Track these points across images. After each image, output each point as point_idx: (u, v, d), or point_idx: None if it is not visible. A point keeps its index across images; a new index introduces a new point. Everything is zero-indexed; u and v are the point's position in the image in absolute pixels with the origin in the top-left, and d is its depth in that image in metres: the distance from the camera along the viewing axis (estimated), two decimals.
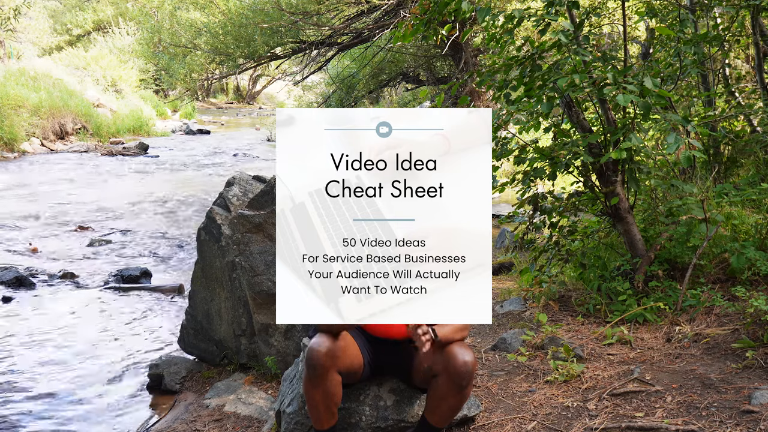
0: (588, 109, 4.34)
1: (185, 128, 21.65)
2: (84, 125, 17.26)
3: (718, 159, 5.69)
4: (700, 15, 5.87)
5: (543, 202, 4.33)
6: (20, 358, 4.50)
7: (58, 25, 32.51)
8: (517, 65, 3.85)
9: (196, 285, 4.28)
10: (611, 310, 3.85)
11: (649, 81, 3.34)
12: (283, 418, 2.70)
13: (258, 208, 3.98)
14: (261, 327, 3.88)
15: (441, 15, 4.05)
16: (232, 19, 15.91)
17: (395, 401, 2.60)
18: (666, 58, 4.70)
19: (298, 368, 2.82)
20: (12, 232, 8.01)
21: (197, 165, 14.21)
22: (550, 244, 4.55)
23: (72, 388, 4.10)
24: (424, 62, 18.56)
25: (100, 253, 7.28)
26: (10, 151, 14.05)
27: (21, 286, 6.03)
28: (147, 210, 9.60)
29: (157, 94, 26.91)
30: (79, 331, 5.06)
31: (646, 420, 2.56)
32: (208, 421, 3.46)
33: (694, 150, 3.27)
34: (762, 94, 5.57)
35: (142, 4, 23.70)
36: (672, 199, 4.32)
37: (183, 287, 6.08)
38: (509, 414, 2.79)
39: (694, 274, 3.82)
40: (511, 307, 4.45)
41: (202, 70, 18.79)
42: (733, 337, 3.24)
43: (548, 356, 3.33)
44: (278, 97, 37.96)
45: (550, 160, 3.94)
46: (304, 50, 16.74)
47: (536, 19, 3.78)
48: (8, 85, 15.46)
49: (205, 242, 4.14)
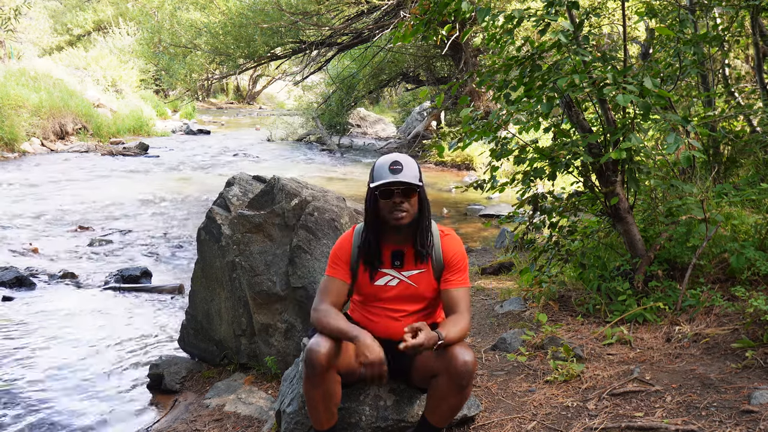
0: (588, 109, 4.34)
1: (185, 128, 21.65)
2: (84, 125, 17.26)
3: (718, 159, 5.69)
4: (700, 15, 5.87)
5: (543, 202, 4.33)
6: (20, 358, 4.50)
7: (58, 25, 32.53)
8: (517, 65, 3.85)
9: (196, 285, 4.29)
10: (611, 310, 3.85)
11: (648, 81, 3.34)
12: (283, 418, 2.70)
13: (258, 208, 3.98)
14: (261, 327, 3.88)
15: (441, 15, 4.05)
16: (232, 19, 15.91)
17: (395, 401, 2.60)
18: (666, 59, 4.70)
19: (298, 368, 2.82)
20: (12, 232, 8.00)
21: (197, 165, 14.21)
22: (550, 244, 4.55)
23: (72, 388, 4.10)
24: (424, 62, 18.56)
25: (100, 253, 7.28)
26: (10, 151, 14.05)
27: (21, 286, 6.03)
28: (147, 210, 9.60)
29: (158, 94, 26.91)
30: (79, 331, 5.06)
31: (646, 420, 2.56)
32: (208, 421, 3.47)
33: (693, 150, 3.27)
34: (762, 94, 5.57)
35: (143, 4, 23.72)
36: (672, 199, 4.32)
37: (183, 287, 6.08)
38: (509, 414, 2.79)
39: (694, 274, 3.82)
40: (511, 307, 4.45)
41: (202, 70, 18.82)
42: (733, 337, 3.24)
43: (548, 356, 3.33)
44: (278, 97, 37.93)
45: (550, 160, 3.94)
46: (304, 50, 16.75)
47: (536, 19, 3.78)
48: (9, 85, 15.46)
49: (205, 242, 4.14)
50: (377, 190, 2.43)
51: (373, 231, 2.51)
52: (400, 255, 2.53)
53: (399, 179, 2.39)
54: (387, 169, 2.41)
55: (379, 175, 2.42)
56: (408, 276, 2.53)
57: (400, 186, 2.40)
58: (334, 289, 2.51)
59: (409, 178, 2.40)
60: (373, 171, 2.47)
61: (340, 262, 2.54)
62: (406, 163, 2.43)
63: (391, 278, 2.53)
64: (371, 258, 2.52)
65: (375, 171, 2.45)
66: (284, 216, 3.86)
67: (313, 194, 3.89)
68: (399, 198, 2.41)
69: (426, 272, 2.53)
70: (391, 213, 2.43)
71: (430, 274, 2.53)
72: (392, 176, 2.39)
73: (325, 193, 3.97)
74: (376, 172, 2.44)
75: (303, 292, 3.69)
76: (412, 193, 2.43)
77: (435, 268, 2.53)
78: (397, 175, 2.39)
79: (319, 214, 3.75)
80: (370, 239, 2.51)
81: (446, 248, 2.54)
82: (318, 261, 3.68)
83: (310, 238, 3.71)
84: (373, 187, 2.43)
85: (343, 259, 2.55)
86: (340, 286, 2.52)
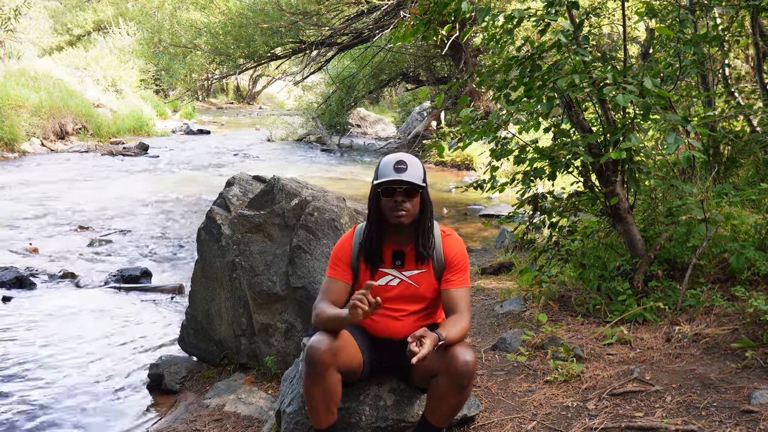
0: (588, 109, 4.34)
1: (185, 128, 21.65)
2: (84, 125, 17.26)
3: (718, 159, 5.69)
4: (700, 15, 5.87)
5: (543, 202, 4.33)
6: (20, 358, 4.50)
7: (58, 25, 32.53)
8: (516, 65, 3.85)
9: (196, 285, 4.28)
10: (611, 310, 3.85)
11: (648, 81, 3.34)
12: (283, 418, 2.70)
13: (258, 208, 3.98)
14: (261, 327, 3.88)
15: (441, 15, 4.05)
16: (232, 19, 15.92)
17: (395, 401, 2.60)
18: (666, 59, 4.70)
19: (298, 368, 2.82)
20: (12, 232, 8.00)
21: (197, 165, 14.21)
22: (550, 244, 4.55)
23: (72, 388, 4.10)
24: (424, 62, 18.56)
25: (100, 253, 7.28)
26: (10, 151, 14.05)
27: (21, 286, 6.03)
28: (147, 210, 9.60)
29: (158, 94, 26.91)
30: (79, 331, 5.06)
31: (646, 420, 2.56)
32: (208, 421, 3.47)
33: (693, 150, 3.27)
34: (762, 94, 5.57)
35: (143, 4, 23.74)
36: (672, 199, 4.32)
37: (183, 287, 6.08)
38: (509, 414, 2.79)
39: (694, 274, 3.82)
40: (511, 307, 4.45)
41: (202, 70, 18.83)
42: (733, 337, 3.24)
43: (548, 356, 3.33)
44: (278, 97, 37.94)
45: (550, 160, 3.94)
46: (304, 50, 16.75)
47: (536, 19, 3.78)
48: (8, 85, 15.45)
49: (205, 242, 4.14)
50: (380, 187, 2.43)
51: (375, 229, 2.51)
52: (401, 255, 2.53)
53: (402, 178, 2.39)
54: (391, 167, 2.41)
55: (383, 173, 2.42)
56: (409, 276, 2.53)
57: (402, 185, 2.40)
58: (334, 289, 2.51)
59: (413, 178, 2.40)
60: (378, 168, 2.47)
61: (341, 263, 2.54)
62: (411, 163, 2.43)
63: (392, 278, 2.53)
64: (372, 255, 2.52)
65: (380, 168, 2.45)
66: (284, 216, 3.86)
67: (313, 194, 3.89)
68: (401, 197, 2.41)
69: (427, 272, 2.53)
70: (392, 211, 2.43)
71: (431, 275, 2.53)
72: (396, 175, 2.39)
73: (325, 193, 3.97)
74: (381, 169, 2.44)
75: (303, 292, 3.69)
76: (414, 193, 2.43)
77: (436, 268, 2.53)
78: (401, 174, 2.39)
79: (319, 214, 3.75)
80: (372, 236, 2.51)
81: (447, 248, 2.54)
82: (318, 261, 3.68)
83: (310, 238, 3.71)
84: (376, 185, 2.44)
85: (343, 260, 2.55)
86: (340, 287, 2.52)
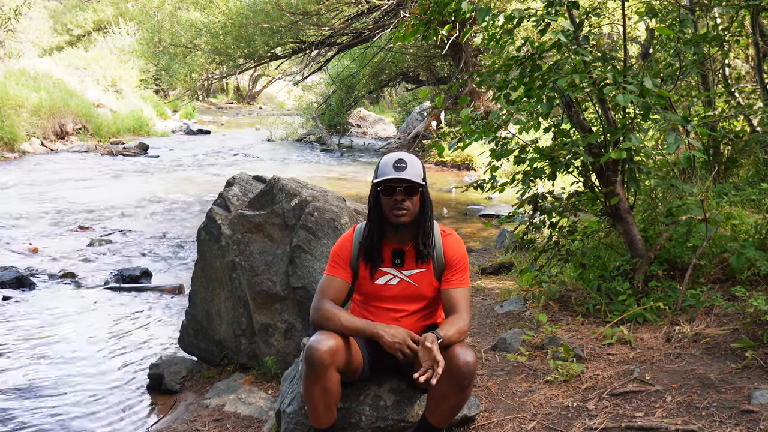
0: (588, 109, 4.34)
1: (185, 128, 21.66)
2: (84, 125, 17.26)
3: (718, 159, 5.69)
4: (700, 15, 5.87)
5: (543, 202, 4.33)
6: (20, 358, 4.50)
7: (58, 25, 32.54)
8: (517, 65, 3.84)
9: (196, 285, 4.29)
10: (611, 310, 3.85)
11: (649, 81, 3.34)
12: (283, 418, 2.70)
13: (258, 208, 3.98)
14: (261, 327, 3.88)
15: (441, 15, 4.05)
16: (232, 19, 15.94)
17: (395, 401, 2.60)
18: (666, 58, 4.70)
19: (298, 368, 2.82)
20: (12, 232, 8.01)
21: (197, 165, 14.21)
22: (550, 244, 4.55)
23: (72, 388, 4.10)
24: (424, 62, 18.56)
25: (100, 253, 7.28)
26: (10, 151, 14.05)
27: (21, 286, 6.03)
28: (147, 210, 9.60)
29: (157, 94, 26.93)
30: (79, 331, 5.06)
31: (646, 420, 2.56)
32: (208, 421, 3.47)
33: (693, 150, 3.27)
34: (762, 94, 5.57)
35: (143, 4, 23.75)
36: (672, 199, 4.32)
37: (183, 287, 6.08)
38: (509, 414, 2.79)
39: (694, 274, 3.82)
40: (511, 307, 4.45)
41: (202, 70, 18.84)
42: (733, 337, 3.23)
43: (548, 356, 3.33)
44: (278, 97, 37.97)
45: (550, 160, 3.94)
46: (304, 50, 16.76)
47: (536, 19, 3.78)
48: (8, 85, 15.46)
49: (205, 242, 4.14)
50: (380, 186, 2.43)
51: (375, 228, 2.51)
52: (401, 254, 2.53)
53: (402, 177, 2.39)
54: (391, 166, 2.41)
55: (382, 172, 2.43)
56: (408, 275, 2.53)
57: (402, 183, 2.41)
58: (333, 287, 2.50)
59: (412, 176, 2.40)
60: (377, 167, 2.47)
61: (341, 261, 2.54)
62: (410, 162, 2.43)
63: (392, 277, 2.53)
64: (372, 254, 2.52)
65: (379, 167, 2.46)
66: (284, 216, 3.86)
67: (313, 194, 3.89)
68: (401, 196, 2.41)
69: (427, 272, 2.53)
70: (391, 210, 2.43)
71: (431, 274, 2.53)
72: (395, 173, 2.39)
73: (325, 193, 3.97)
74: (381, 168, 2.45)
75: (303, 292, 3.69)
76: (414, 191, 2.43)
77: (436, 267, 2.53)
78: (401, 172, 2.39)
79: (319, 214, 3.75)
80: (372, 235, 2.51)
81: (447, 248, 2.54)
82: (318, 261, 3.68)
83: (310, 238, 3.71)
84: (376, 183, 2.44)
85: (343, 258, 2.54)
86: (339, 285, 2.51)
